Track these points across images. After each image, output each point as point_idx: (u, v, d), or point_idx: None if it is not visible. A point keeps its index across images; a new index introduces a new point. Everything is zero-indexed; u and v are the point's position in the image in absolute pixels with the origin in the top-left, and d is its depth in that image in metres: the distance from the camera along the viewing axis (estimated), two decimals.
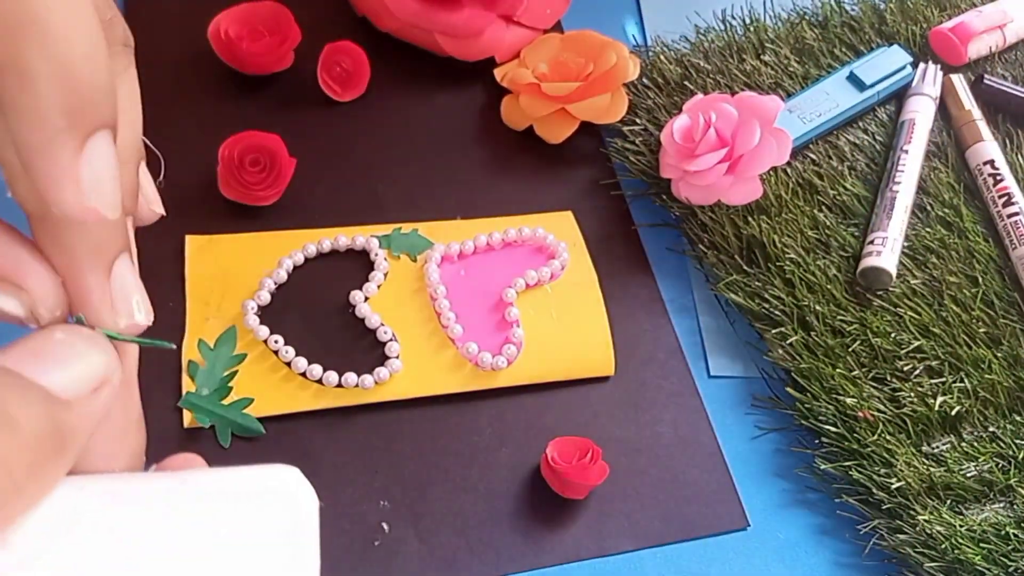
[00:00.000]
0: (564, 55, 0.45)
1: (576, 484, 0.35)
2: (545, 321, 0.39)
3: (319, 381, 0.36)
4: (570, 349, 0.39)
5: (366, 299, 0.39)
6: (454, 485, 0.35)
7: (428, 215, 0.42)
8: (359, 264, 0.40)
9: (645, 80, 0.48)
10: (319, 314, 0.38)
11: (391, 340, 0.38)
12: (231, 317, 0.37)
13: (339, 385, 0.36)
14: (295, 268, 0.39)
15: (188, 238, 0.39)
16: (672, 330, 0.41)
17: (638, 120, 0.46)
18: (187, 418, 0.35)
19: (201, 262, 0.39)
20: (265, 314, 0.38)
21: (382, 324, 0.38)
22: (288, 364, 0.36)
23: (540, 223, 0.42)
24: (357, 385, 0.36)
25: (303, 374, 0.36)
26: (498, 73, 0.47)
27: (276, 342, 0.37)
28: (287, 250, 0.39)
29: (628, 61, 0.44)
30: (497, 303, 0.40)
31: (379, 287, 0.39)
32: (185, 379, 0.36)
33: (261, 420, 0.35)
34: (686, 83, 0.47)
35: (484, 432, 0.37)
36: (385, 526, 0.34)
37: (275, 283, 0.39)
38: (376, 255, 0.40)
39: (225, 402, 0.35)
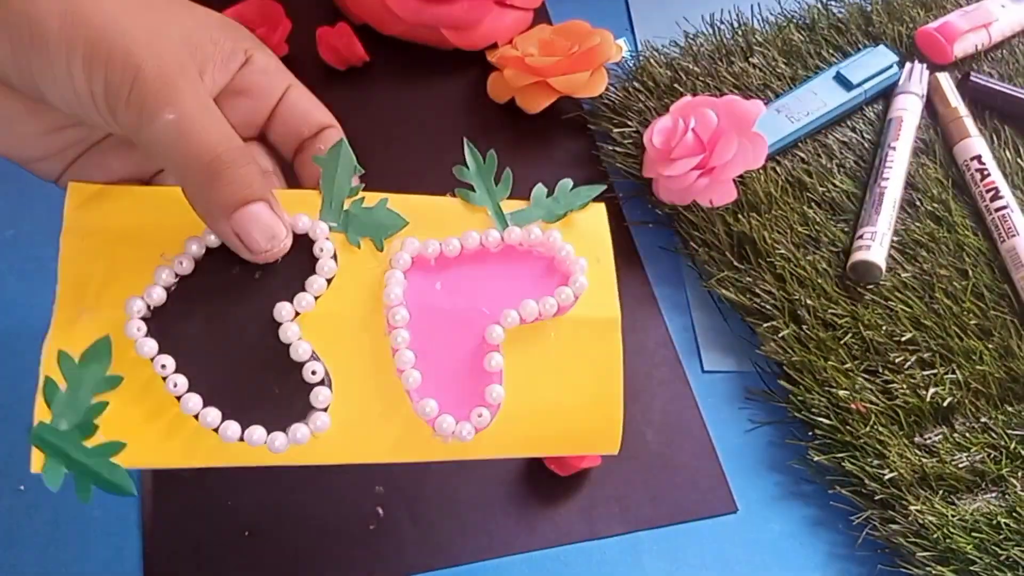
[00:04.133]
0: (553, 39, 0.47)
1: (565, 461, 0.36)
2: (537, 375, 0.28)
3: (216, 430, 0.26)
4: (564, 416, 0.29)
5: (296, 315, 0.27)
6: (447, 470, 0.36)
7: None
8: (297, 258, 0.28)
9: (636, 84, 0.48)
10: (229, 330, 0.27)
11: (319, 383, 0.27)
12: (112, 318, 0.26)
13: (241, 439, 0.26)
14: (207, 253, 0.27)
15: (71, 186, 0.27)
16: (664, 325, 0.42)
17: (629, 123, 0.47)
18: (36, 460, 0.25)
19: (84, 222, 0.27)
20: (155, 321, 0.26)
21: (312, 356, 0.27)
22: (178, 399, 0.26)
23: (558, 224, 0.31)
24: (266, 445, 0.26)
25: (196, 416, 0.26)
26: (491, 54, 0.48)
27: (164, 367, 0.26)
28: (202, 227, 0.27)
29: (611, 44, 0.46)
30: (477, 345, 0.28)
31: (317, 298, 0.27)
32: (39, 403, 0.25)
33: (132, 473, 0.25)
34: (676, 86, 0.48)
35: None
36: (380, 510, 0.35)
37: (176, 274, 0.27)
38: (321, 249, 0.28)
39: (88, 444, 0.25)
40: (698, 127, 0.42)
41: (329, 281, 0.28)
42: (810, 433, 0.39)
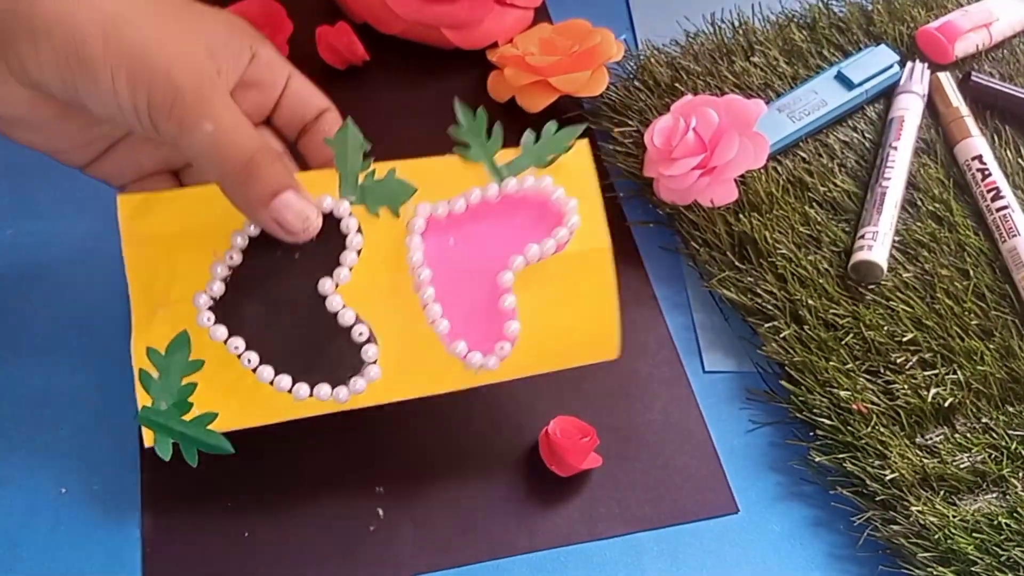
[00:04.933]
0: (554, 38, 0.47)
1: (566, 462, 0.35)
2: (545, 305, 0.34)
3: (290, 391, 0.32)
4: (571, 334, 0.34)
5: (336, 287, 0.32)
6: (448, 471, 0.36)
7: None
8: (329, 235, 0.32)
9: (636, 83, 0.48)
10: (284, 308, 0.32)
11: (367, 342, 0.32)
12: (182, 311, 0.32)
13: (311, 395, 0.32)
14: (250, 242, 0.32)
15: (120, 199, 0.32)
16: (665, 325, 0.42)
17: (630, 122, 0.47)
18: (147, 436, 0.31)
19: (139, 231, 0.32)
20: (220, 309, 0.32)
21: (357, 319, 0.32)
22: (254, 370, 0.32)
23: (548, 170, 0.34)
24: (332, 397, 0.32)
25: (271, 383, 0.32)
26: (491, 53, 0.48)
27: (237, 348, 0.32)
28: (241, 222, 0.32)
29: (612, 43, 0.46)
30: (491, 289, 0.33)
31: (351, 270, 0.32)
32: (139, 390, 0.31)
33: (230, 434, 0.32)
34: (676, 85, 0.48)
35: (477, 420, 0.37)
36: (380, 511, 0.35)
37: (228, 267, 0.32)
38: (347, 226, 0.32)
39: (186, 418, 0.31)
40: (699, 126, 0.42)
41: (359, 252, 0.32)
42: (811, 433, 0.39)
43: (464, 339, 0.33)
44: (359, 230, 0.32)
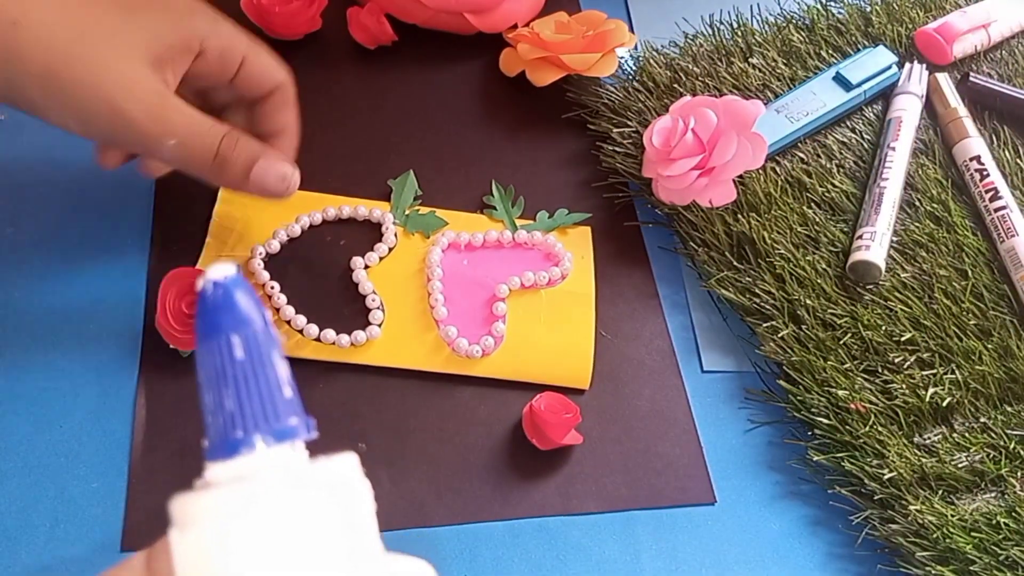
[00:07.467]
0: (570, 23, 0.48)
1: (547, 436, 0.36)
2: (531, 323, 0.40)
3: (301, 332, 0.38)
4: (549, 354, 0.39)
5: (366, 267, 0.41)
6: (431, 435, 0.37)
7: (442, 195, 0.44)
8: (370, 235, 0.42)
9: (635, 84, 0.48)
10: (318, 272, 0.40)
11: (377, 308, 0.39)
12: (241, 260, 0.40)
13: (318, 339, 0.38)
14: (310, 227, 0.42)
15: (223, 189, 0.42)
16: (662, 317, 0.42)
17: (629, 123, 0.47)
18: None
19: (230, 207, 0.41)
20: (271, 261, 0.40)
21: (373, 292, 0.40)
22: (277, 310, 0.39)
23: (557, 233, 0.43)
24: (334, 343, 0.38)
25: (288, 322, 0.38)
26: (507, 32, 0.49)
27: (272, 288, 0.39)
28: (307, 209, 0.41)
29: (625, 32, 0.47)
30: (489, 297, 0.40)
31: (381, 259, 0.41)
32: None
33: None
34: (676, 86, 0.48)
35: (465, 389, 0.38)
36: None
37: (288, 236, 0.41)
38: (387, 229, 0.41)
39: None
40: (698, 127, 0.42)
41: (391, 250, 0.41)
42: (809, 433, 0.39)
43: (456, 326, 0.39)
44: (395, 235, 0.42)
